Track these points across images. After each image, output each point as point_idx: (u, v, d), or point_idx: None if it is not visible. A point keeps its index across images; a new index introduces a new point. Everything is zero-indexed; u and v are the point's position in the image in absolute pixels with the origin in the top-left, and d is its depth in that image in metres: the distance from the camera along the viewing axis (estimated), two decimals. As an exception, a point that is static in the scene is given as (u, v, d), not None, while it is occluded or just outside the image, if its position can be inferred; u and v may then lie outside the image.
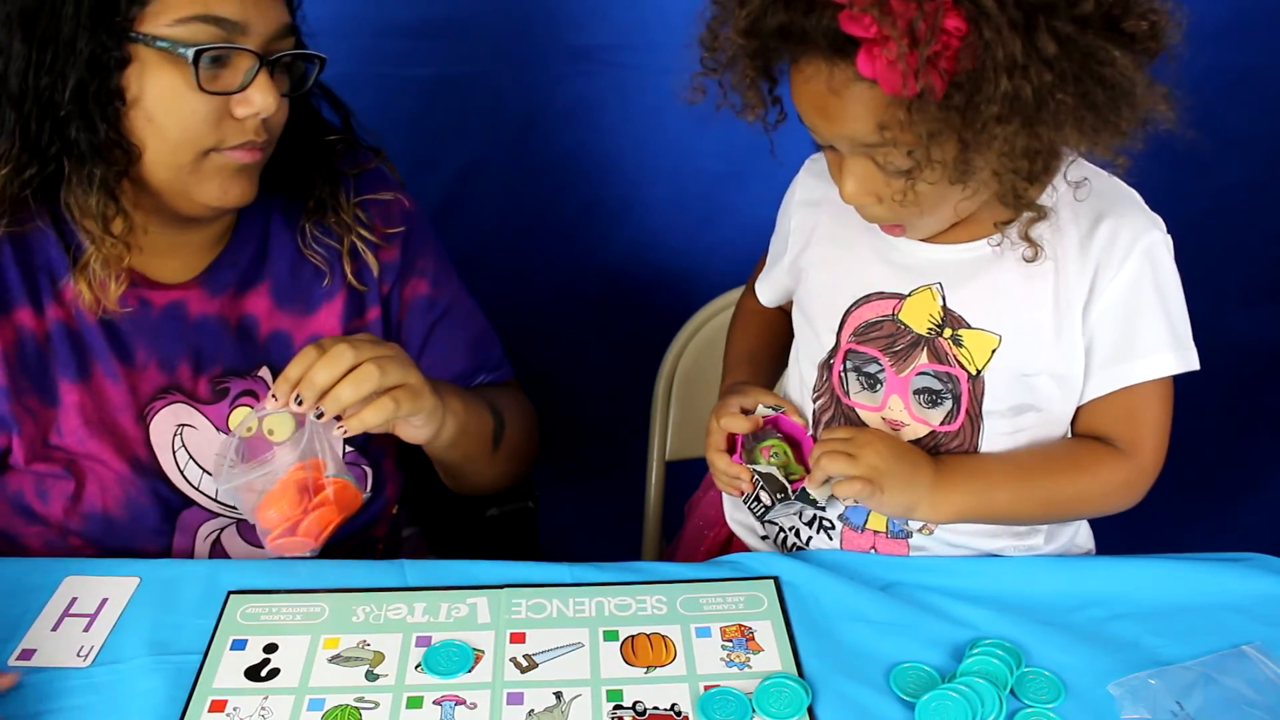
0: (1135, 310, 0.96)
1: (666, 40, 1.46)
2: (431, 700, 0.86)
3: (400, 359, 0.97)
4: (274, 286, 1.09)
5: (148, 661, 0.89)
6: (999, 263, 0.97)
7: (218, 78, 0.94)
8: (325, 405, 0.93)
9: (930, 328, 0.99)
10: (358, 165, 1.12)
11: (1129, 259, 0.94)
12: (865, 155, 0.87)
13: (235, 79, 0.94)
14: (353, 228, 1.09)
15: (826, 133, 0.88)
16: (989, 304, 0.97)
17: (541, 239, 1.62)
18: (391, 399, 0.96)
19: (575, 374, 1.69)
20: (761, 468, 1.01)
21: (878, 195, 0.90)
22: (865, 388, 1.02)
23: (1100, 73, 0.78)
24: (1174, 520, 1.76)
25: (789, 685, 0.86)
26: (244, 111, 0.95)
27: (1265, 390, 1.75)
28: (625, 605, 0.95)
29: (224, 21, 0.92)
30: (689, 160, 1.55)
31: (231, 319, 1.08)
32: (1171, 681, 0.86)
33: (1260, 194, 1.61)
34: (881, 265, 1.01)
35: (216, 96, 0.93)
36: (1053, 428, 1.01)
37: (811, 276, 1.07)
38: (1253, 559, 1.01)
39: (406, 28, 1.45)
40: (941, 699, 0.84)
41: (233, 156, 0.97)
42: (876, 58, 0.78)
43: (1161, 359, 0.96)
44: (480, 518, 1.32)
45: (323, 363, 0.93)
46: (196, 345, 1.06)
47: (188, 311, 1.06)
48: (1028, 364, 0.97)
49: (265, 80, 0.95)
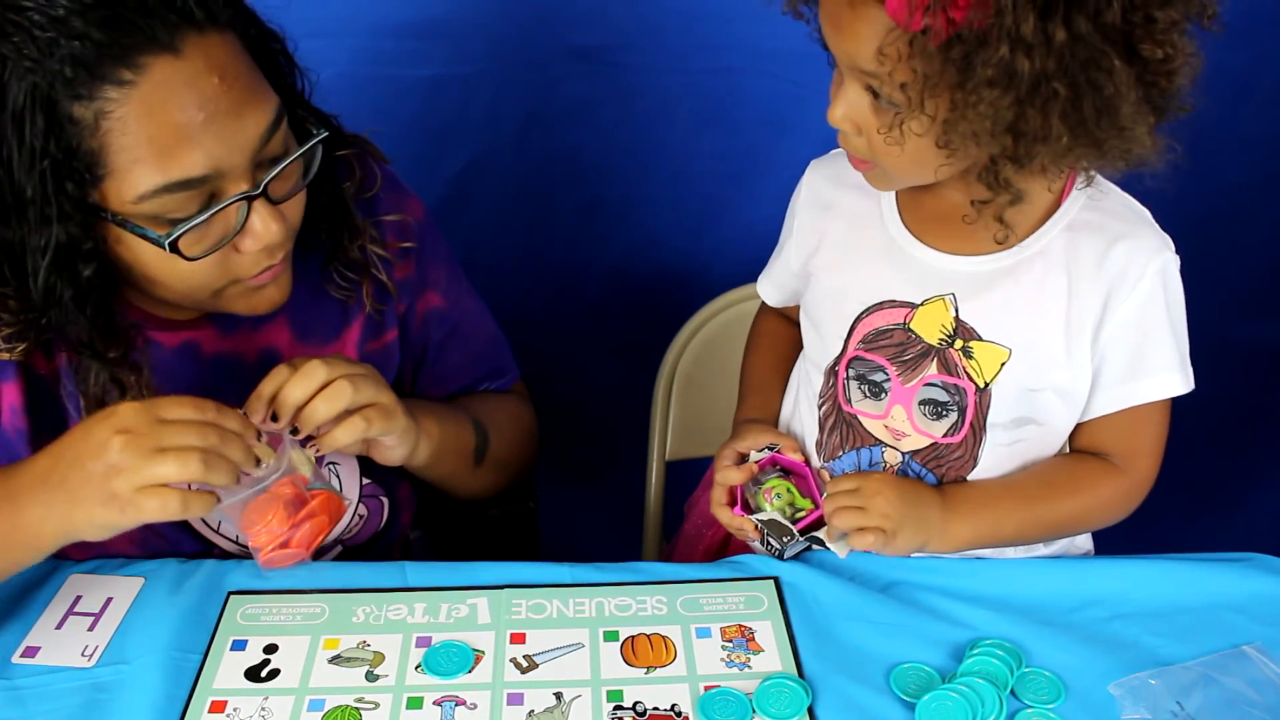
0: (1146, 331, 0.96)
1: (666, 40, 1.47)
2: (432, 701, 0.86)
3: (372, 378, 0.95)
4: (293, 318, 1.04)
5: (150, 661, 0.89)
6: (1013, 276, 0.96)
7: (206, 234, 0.86)
8: (299, 423, 0.92)
9: (942, 338, 0.98)
10: (365, 189, 1.05)
11: (1142, 280, 0.95)
12: (861, 82, 0.87)
13: (228, 222, 0.87)
14: (371, 262, 1.05)
15: (833, 45, 0.87)
16: (1001, 317, 0.97)
17: (541, 239, 1.62)
18: (363, 418, 0.94)
19: (575, 374, 1.69)
20: (763, 516, 1.01)
21: (860, 125, 0.89)
22: (868, 395, 1.02)
23: (1097, 79, 0.78)
24: (1174, 520, 1.76)
25: (789, 685, 0.86)
26: (252, 247, 0.88)
27: (1265, 391, 1.76)
28: (625, 605, 0.95)
29: (190, 183, 0.82)
30: (689, 160, 1.55)
31: (250, 355, 1.03)
32: (1171, 681, 0.86)
33: (1260, 194, 1.61)
34: (894, 274, 1.00)
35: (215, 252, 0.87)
36: (1050, 441, 1.01)
37: (821, 281, 1.06)
38: (1253, 559, 1.01)
39: (406, 28, 1.44)
40: (942, 699, 0.84)
41: (257, 282, 0.92)
42: None
43: (1169, 379, 0.97)
44: (481, 518, 1.32)
45: (296, 379, 0.91)
46: (213, 383, 1.01)
47: (200, 351, 1.01)
48: (1036, 379, 0.97)
49: (263, 209, 0.87)
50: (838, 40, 0.86)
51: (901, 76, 0.82)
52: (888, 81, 0.83)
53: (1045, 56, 0.77)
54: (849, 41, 0.84)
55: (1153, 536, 1.08)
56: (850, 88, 0.88)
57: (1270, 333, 1.71)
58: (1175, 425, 1.00)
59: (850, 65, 0.86)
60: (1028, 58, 0.77)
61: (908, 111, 0.83)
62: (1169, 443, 1.01)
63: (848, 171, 1.02)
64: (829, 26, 0.86)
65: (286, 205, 0.90)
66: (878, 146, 0.89)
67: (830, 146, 1.10)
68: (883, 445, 1.02)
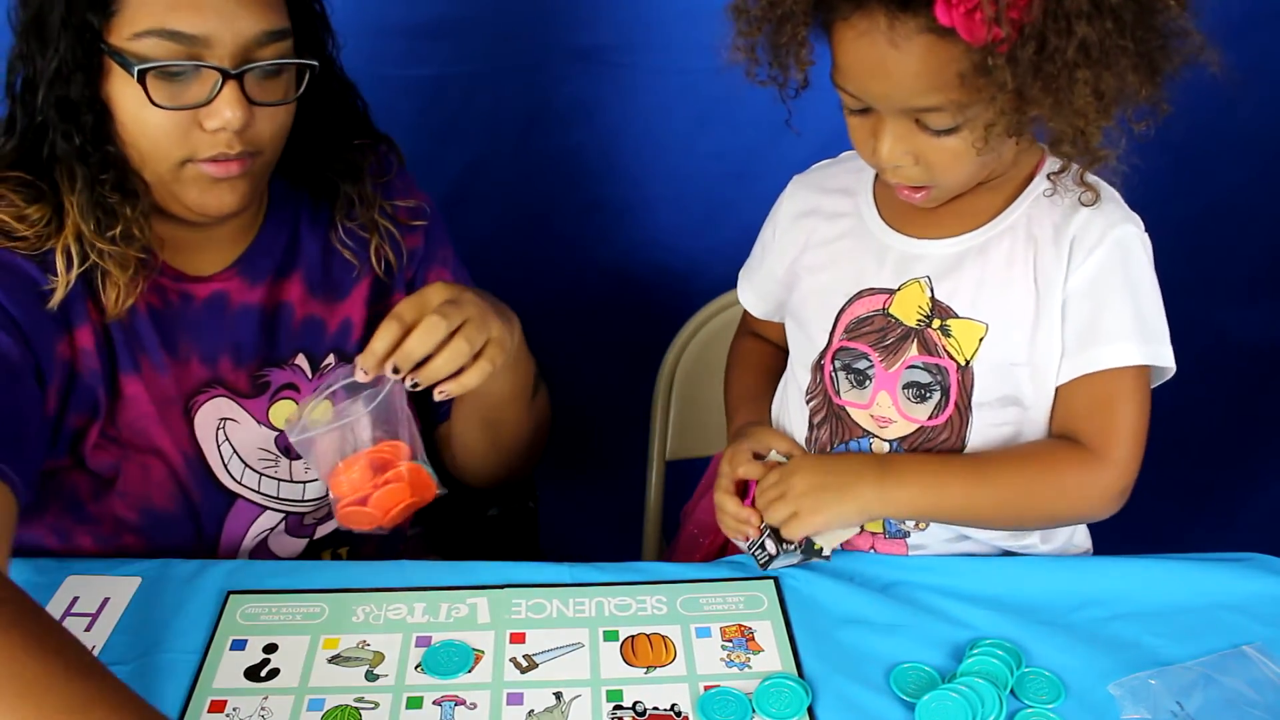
0: (1102, 297, 0.95)
1: (666, 40, 1.47)
2: (431, 700, 0.86)
3: (479, 315, 0.97)
4: (306, 274, 1.10)
5: (148, 661, 0.89)
6: (984, 254, 0.98)
7: (179, 92, 0.92)
8: (419, 376, 0.95)
9: (919, 319, 0.99)
10: (382, 174, 1.13)
11: (1100, 246, 0.95)
12: (907, 114, 0.87)
13: (201, 92, 0.92)
14: (380, 223, 1.11)
15: (876, 91, 0.87)
16: (975, 293, 0.98)
17: (542, 239, 1.62)
18: (487, 360, 0.98)
19: (575, 374, 1.69)
20: None
21: (915, 155, 0.90)
22: (855, 385, 1.03)
23: (1154, 21, 0.81)
24: (1174, 520, 1.76)
25: (789, 685, 0.86)
26: (212, 125, 0.93)
27: (1265, 390, 1.75)
28: (625, 605, 0.95)
29: (181, 36, 0.90)
30: (689, 160, 1.55)
31: (269, 307, 1.08)
32: (1171, 681, 0.86)
33: (1260, 194, 1.60)
34: (873, 262, 1.02)
35: (181, 110, 0.92)
36: (1038, 425, 1.01)
37: (806, 281, 1.08)
38: (1253, 559, 1.01)
39: (406, 28, 1.44)
40: (942, 699, 0.84)
41: (207, 169, 0.95)
42: (955, 6, 0.78)
43: (1124, 348, 0.94)
44: (481, 517, 1.32)
45: (418, 335, 0.94)
46: (236, 338, 1.06)
47: (229, 302, 1.06)
48: (1014, 353, 0.98)
49: (232, 94, 0.92)
50: (883, 84, 0.86)
51: (960, 97, 0.83)
52: (949, 106, 0.84)
53: (1105, 20, 0.78)
54: (899, 81, 0.85)
55: (1153, 536, 1.08)
56: (895, 123, 0.88)
57: (1270, 332, 1.71)
58: (1175, 425, 1.00)
59: (892, 105, 0.87)
60: (1092, 27, 0.78)
61: (963, 125, 0.85)
62: (1169, 443, 1.01)
63: (829, 179, 1.05)
64: (867, 76, 0.86)
65: (261, 112, 0.95)
66: (941, 166, 0.90)
67: (830, 147, 1.11)
68: (870, 436, 1.03)
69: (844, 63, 0.87)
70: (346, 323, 1.12)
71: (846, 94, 0.89)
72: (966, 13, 0.78)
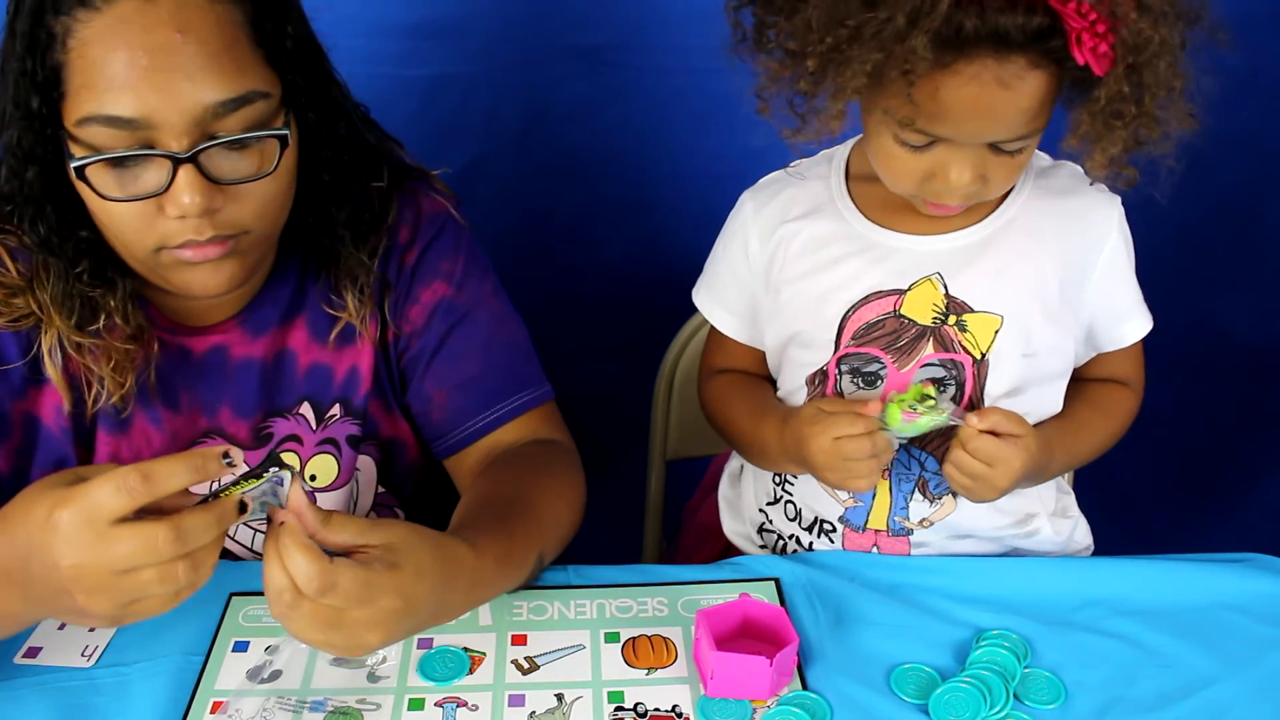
0: (1123, 274, 1.03)
1: (666, 40, 1.47)
2: (433, 702, 0.86)
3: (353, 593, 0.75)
4: (310, 320, 1.04)
5: (151, 663, 0.89)
6: (992, 245, 0.99)
7: (131, 182, 0.84)
8: None
9: (935, 317, 1.00)
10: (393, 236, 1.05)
11: (1112, 226, 1.01)
12: (986, 145, 0.89)
13: (157, 179, 0.84)
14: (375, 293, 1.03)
15: (973, 129, 0.87)
16: (990, 286, 0.99)
17: (541, 239, 1.62)
18: None
19: (575, 374, 1.69)
20: None
21: (985, 176, 0.91)
22: (864, 386, 1.02)
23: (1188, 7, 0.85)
24: (1174, 520, 1.76)
25: (810, 699, 0.86)
26: (172, 213, 0.85)
27: (1265, 390, 1.75)
28: (626, 607, 0.95)
29: (120, 121, 0.81)
30: (690, 161, 1.55)
31: (270, 359, 1.03)
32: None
33: (1260, 194, 1.61)
34: (873, 266, 1.01)
35: (138, 200, 0.84)
36: (1045, 405, 1.03)
37: (792, 295, 1.05)
38: (1253, 559, 1.01)
39: (406, 28, 1.44)
40: (953, 690, 0.84)
41: (183, 254, 0.87)
42: (1086, 45, 0.80)
43: (1142, 319, 1.05)
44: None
45: None
46: (238, 390, 1.02)
47: (229, 356, 1.01)
48: (1029, 342, 0.99)
49: (188, 178, 0.83)
50: (977, 124, 0.86)
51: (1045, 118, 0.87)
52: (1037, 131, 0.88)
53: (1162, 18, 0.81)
54: (995, 120, 0.86)
55: (1153, 536, 1.08)
56: (972, 152, 0.89)
57: (1270, 332, 1.71)
58: (1175, 425, 1.00)
59: (980, 139, 0.88)
60: (1155, 30, 0.81)
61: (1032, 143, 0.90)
62: (1169, 443, 1.01)
63: (790, 186, 1.06)
64: (974, 117, 0.85)
65: (235, 190, 0.86)
66: (1002, 180, 0.93)
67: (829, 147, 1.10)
68: None
69: (942, 109, 0.85)
70: (353, 371, 1.05)
71: (917, 133, 0.88)
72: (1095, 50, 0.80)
